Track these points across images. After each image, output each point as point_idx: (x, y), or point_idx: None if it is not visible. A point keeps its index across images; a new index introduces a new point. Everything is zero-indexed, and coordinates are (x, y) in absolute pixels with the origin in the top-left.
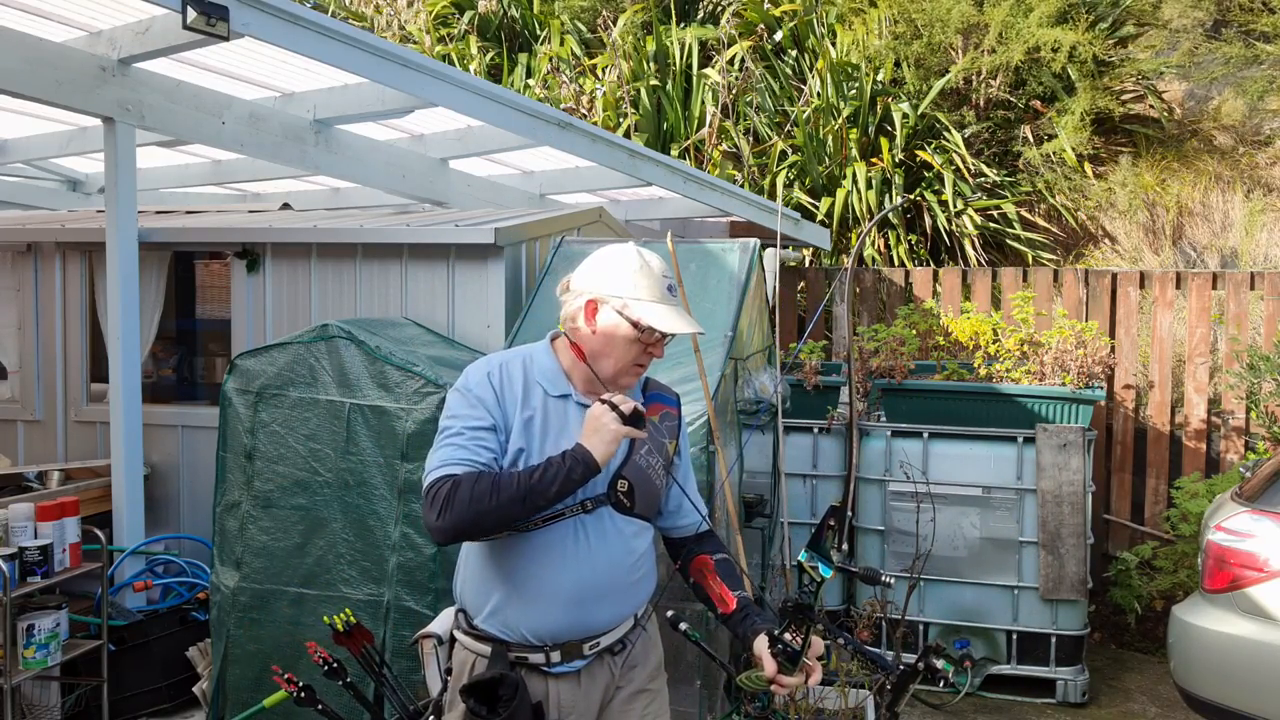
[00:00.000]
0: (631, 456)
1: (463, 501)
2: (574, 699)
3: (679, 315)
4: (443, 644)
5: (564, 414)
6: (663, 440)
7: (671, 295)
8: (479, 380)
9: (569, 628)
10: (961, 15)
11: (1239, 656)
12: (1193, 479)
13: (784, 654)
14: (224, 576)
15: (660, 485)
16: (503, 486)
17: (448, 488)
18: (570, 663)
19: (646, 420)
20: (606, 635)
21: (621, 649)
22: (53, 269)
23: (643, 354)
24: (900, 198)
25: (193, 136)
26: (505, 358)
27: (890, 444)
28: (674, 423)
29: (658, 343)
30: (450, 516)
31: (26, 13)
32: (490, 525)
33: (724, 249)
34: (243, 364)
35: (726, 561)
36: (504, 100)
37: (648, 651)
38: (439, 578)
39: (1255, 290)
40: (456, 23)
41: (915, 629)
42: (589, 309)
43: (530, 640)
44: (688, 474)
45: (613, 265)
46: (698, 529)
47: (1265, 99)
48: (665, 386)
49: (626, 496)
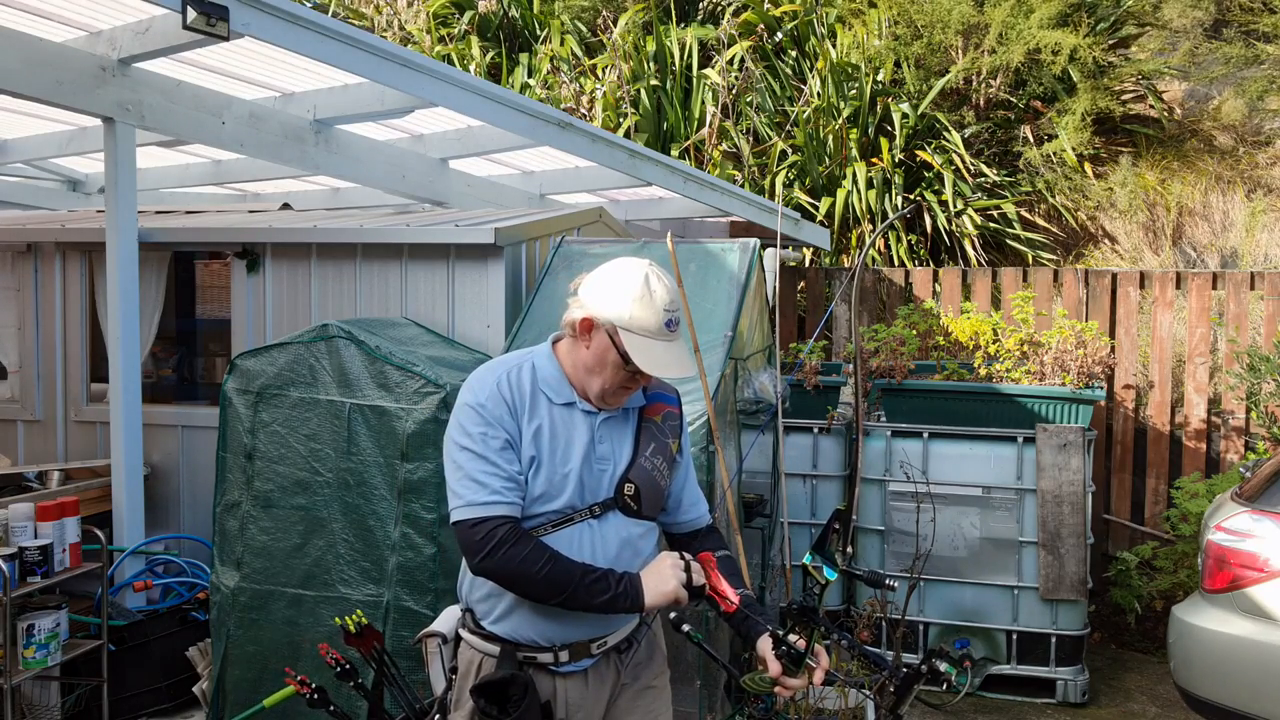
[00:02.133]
0: (637, 459)
1: (513, 559)
2: (581, 697)
3: (671, 355)
4: (447, 643)
5: (570, 422)
6: (665, 440)
7: (669, 330)
8: (491, 394)
9: (578, 630)
10: (962, 16)
11: (1239, 656)
12: (1193, 479)
13: (788, 655)
14: (224, 576)
15: (665, 486)
16: (557, 569)
17: (505, 532)
18: (578, 662)
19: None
20: (614, 635)
21: (629, 648)
22: (53, 269)
23: (630, 379)
24: (905, 206)
25: (193, 136)
26: (510, 365)
27: (890, 444)
28: (676, 421)
29: (646, 381)
30: (494, 563)
31: (26, 13)
32: (521, 590)
33: (724, 249)
34: (243, 364)
35: (728, 559)
36: (504, 100)
37: (653, 649)
38: (439, 578)
39: (1255, 290)
40: (456, 23)
41: (915, 629)
42: (584, 325)
43: (539, 642)
44: (688, 471)
45: (616, 287)
46: (700, 525)
47: (1265, 99)
48: (666, 385)
49: (633, 499)
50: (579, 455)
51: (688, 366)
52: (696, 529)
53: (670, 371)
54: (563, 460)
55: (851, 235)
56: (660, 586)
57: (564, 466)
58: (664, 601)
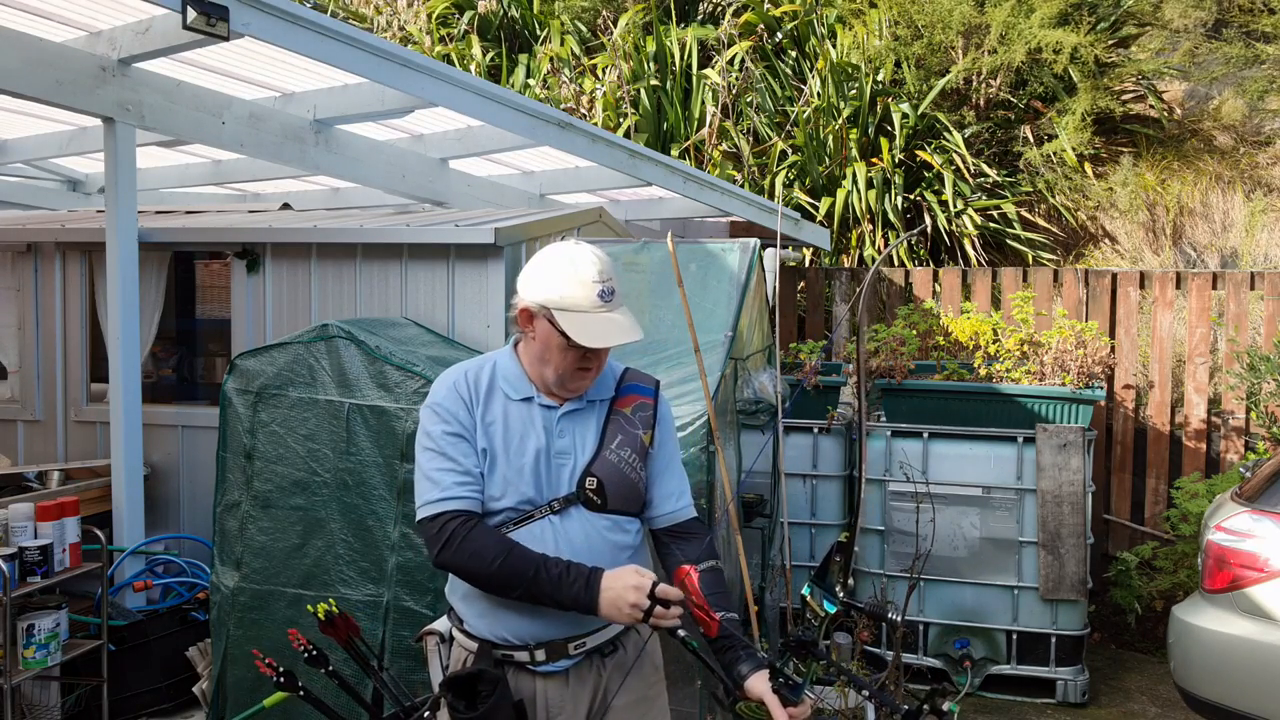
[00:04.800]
0: (601, 452)
1: (465, 552)
2: (562, 699)
3: (610, 325)
4: (444, 641)
5: (527, 417)
6: (635, 431)
7: (605, 301)
8: (447, 392)
9: (548, 628)
10: (962, 16)
11: (1239, 656)
12: (1193, 479)
13: (786, 685)
14: (224, 576)
15: (636, 480)
16: (511, 561)
17: (456, 525)
18: (556, 662)
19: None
20: (593, 636)
21: (613, 651)
22: (53, 269)
23: (583, 359)
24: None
25: (193, 136)
26: (470, 366)
27: (890, 444)
28: (649, 412)
29: (596, 351)
30: (448, 557)
31: (26, 13)
32: (481, 584)
33: (724, 249)
34: (243, 364)
35: (714, 572)
36: (504, 100)
37: (642, 656)
38: (438, 578)
39: (1255, 290)
40: (456, 23)
41: (915, 629)
42: (523, 316)
43: (513, 640)
44: (668, 463)
45: (543, 270)
46: (678, 519)
47: (1265, 99)
48: (644, 376)
49: (595, 494)
50: (534, 449)
51: (630, 332)
52: (674, 524)
53: (611, 340)
54: (517, 454)
55: (851, 235)
56: (616, 603)
57: (519, 460)
58: (619, 616)
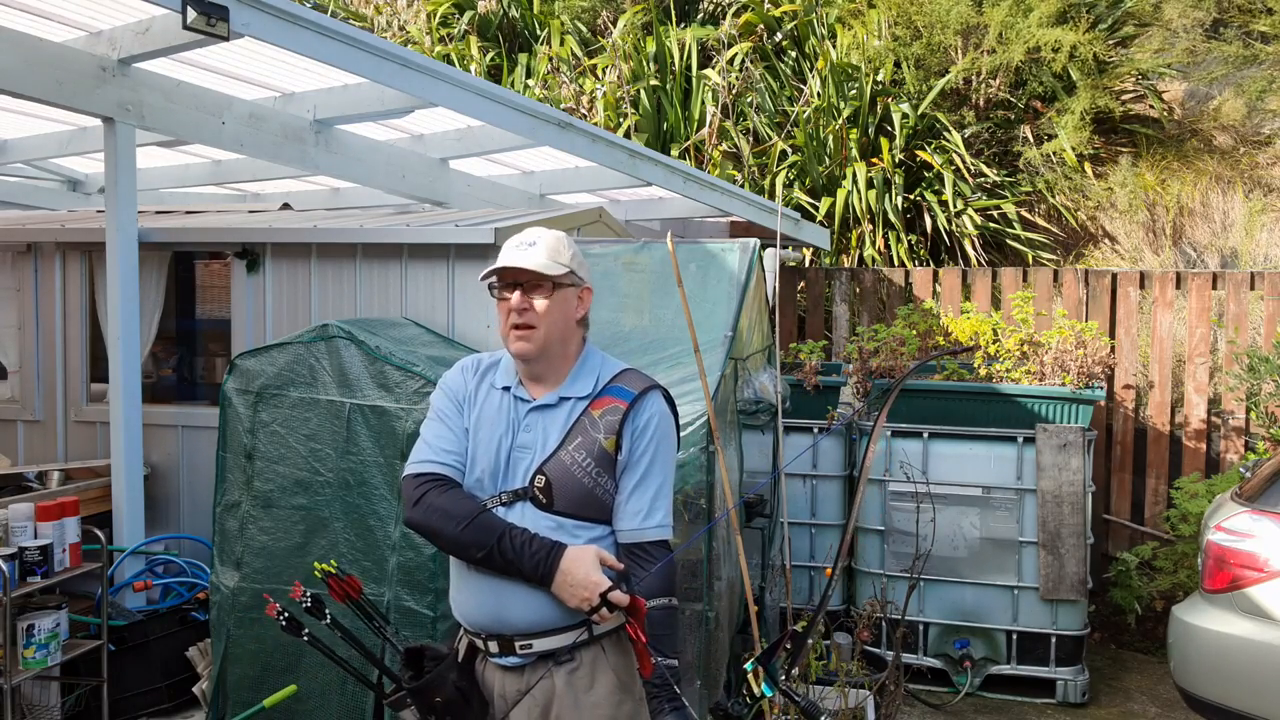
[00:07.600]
0: (558, 452)
1: (433, 512)
2: (517, 695)
3: (515, 253)
4: None
5: (502, 405)
6: (595, 435)
7: (522, 249)
8: (455, 372)
9: (487, 619)
10: (961, 16)
11: (1239, 656)
12: (1192, 479)
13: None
14: (224, 576)
15: (592, 485)
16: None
17: (429, 486)
18: (506, 657)
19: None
20: (540, 639)
21: (567, 661)
22: (53, 269)
23: (512, 313)
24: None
25: (193, 136)
26: (482, 356)
27: (890, 444)
28: (615, 418)
29: (512, 301)
30: (416, 515)
31: (26, 13)
32: (444, 545)
33: (724, 249)
34: (243, 364)
35: (665, 610)
36: (504, 100)
37: (597, 674)
38: (439, 577)
39: (1255, 290)
40: (456, 23)
41: (915, 629)
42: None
43: (467, 627)
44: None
45: None
46: (636, 540)
47: (1265, 99)
48: (638, 380)
49: (542, 492)
50: (497, 439)
51: (529, 259)
52: (633, 543)
53: (509, 259)
54: (486, 441)
55: (851, 235)
56: (570, 582)
57: (486, 447)
58: (564, 596)
